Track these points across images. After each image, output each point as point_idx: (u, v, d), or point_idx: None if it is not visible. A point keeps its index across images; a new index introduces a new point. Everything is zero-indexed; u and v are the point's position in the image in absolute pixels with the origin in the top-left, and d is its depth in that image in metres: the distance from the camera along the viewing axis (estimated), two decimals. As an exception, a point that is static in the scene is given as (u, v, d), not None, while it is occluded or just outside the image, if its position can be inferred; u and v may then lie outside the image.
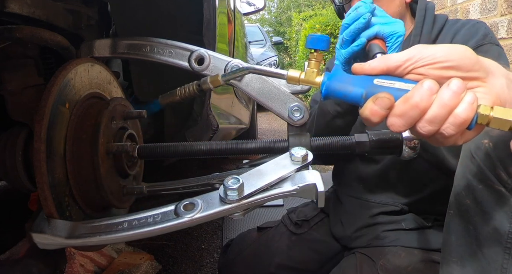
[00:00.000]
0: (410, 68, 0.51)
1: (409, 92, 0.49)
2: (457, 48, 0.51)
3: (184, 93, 0.77)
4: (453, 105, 0.47)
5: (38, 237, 0.60)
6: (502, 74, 0.52)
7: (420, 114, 0.48)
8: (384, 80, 0.52)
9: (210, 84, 0.73)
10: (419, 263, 1.02)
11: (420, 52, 0.51)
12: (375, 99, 0.49)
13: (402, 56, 0.52)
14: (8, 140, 0.72)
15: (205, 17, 1.03)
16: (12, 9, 0.67)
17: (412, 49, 0.52)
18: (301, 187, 0.57)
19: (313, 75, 0.57)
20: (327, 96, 0.56)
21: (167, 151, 0.72)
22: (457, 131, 0.48)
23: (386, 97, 0.49)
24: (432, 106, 0.47)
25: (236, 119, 1.96)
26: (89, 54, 0.79)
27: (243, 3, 3.45)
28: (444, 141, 0.50)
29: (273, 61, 7.84)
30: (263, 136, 4.76)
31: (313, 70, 0.57)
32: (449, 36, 1.07)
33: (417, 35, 1.09)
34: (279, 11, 16.15)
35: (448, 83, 0.48)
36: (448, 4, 2.77)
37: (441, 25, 1.10)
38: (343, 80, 0.54)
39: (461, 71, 0.50)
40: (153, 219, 0.58)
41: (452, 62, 0.50)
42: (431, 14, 1.11)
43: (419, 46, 0.52)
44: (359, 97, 0.53)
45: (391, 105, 0.49)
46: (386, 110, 0.49)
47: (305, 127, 0.68)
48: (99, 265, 1.44)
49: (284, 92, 0.68)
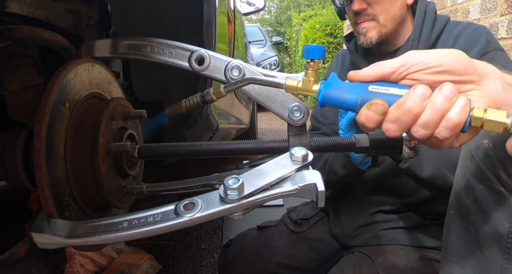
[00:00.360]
0: (404, 74, 0.52)
1: (402, 98, 0.50)
2: (449, 52, 0.52)
3: (189, 104, 0.79)
4: (445, 110, 0.48)
5: (38, 237, 0.59)
6: (497, 77, 0.52)
7: (414, 119, 0.49)
8: (379, 86, 0.53)
9: (213, 95, 0.75)
10: (418, 261, 1.02)
11: (413, 58, 0.52)
12: (369, 106, 0.50)
13: (395, 62, 0.53)
14: (8, 140, 0.72)
15: (205, 17, 1.03)
16: (12, 9, 0.67)
17: (405, 55, 0.53)
18: (301, 186, 0.57)
19: (310, 84, 0.59)
20: (324, 104, 0.57)
21: (167, 151, 0.72)
22: (451, 135, 0.49)
23: (380, 103, 0.50)
24: (425, 111, 0.48)
25: (236, 119, 1.96)
26: (90, 54, 0.79)
27: (243, 3, 3.45)
28: (440, 144, 0.51)
29: (273, 61, 7.84)
30: (263, 136, 4.76)
31: (309, 79, 0.59)
32: (451, 41, 1.07)
33: (415, 39, 1.09)
34: (279, 11, 16.15)
35: (440, 88, 0.48)
36: (448, 4, 2.77)
37: (441, 27, 1.10)
38: (339, 88, 0.56)
39: (454, 75, 0.51)
40: (153, 219, 0.58)
41: (445, 66, 0.51)
42: (430, 17, 1.10)
43: (412, 52, 0.53)
44: (355, 104, 0.54)
45: (385, 111, 0.50)
46: (380, 116, 0.50)
47: (305, 128, 0.68)
48: (99, 265, 1.44)
49: (284, 92, 0.68)
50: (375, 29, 1.10)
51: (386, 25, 1.10)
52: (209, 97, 0.76)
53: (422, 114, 0.48)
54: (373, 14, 1.09)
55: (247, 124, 2.57)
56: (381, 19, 1.09)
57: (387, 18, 1.09)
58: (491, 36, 1.04)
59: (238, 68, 0.70)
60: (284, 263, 1.19)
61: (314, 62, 0.59)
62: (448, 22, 1.12)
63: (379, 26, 1.10)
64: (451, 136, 0.49)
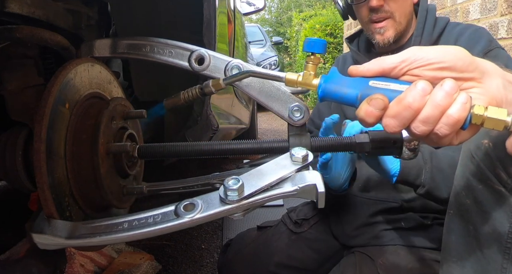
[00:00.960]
0: (405, 69, 0.52)
1: (402, 93, 0.49)
2: (451, 49, 0.52)
3: (187, 96, 0.77)
4: (446, 106, 0.47)
5: (38, 237, 0.59)
6: (498, 75, 0.52)
7: (414, 115, 0.49)
8: (379, 82, 0.53)
9: (212, 87, 0.74)
10: (418, 262, 1.02)
11: (415, 54, 0.52)
12: (369, 101, 0.50)
13: (396, 58, 0.52)
14: (8, 140, 0.72)
15: (205, 17, 1.03)
16: (12, 9, 0.67)
17: (406, 51, 0.53)
18: (301, 187, 0.57)
19: (310, 78, 0.58)
20: (323, 98, 0.57)
21: (168, 151, 0.72)
22: (451, 131, 0.48)
23: (380, 98, 0.49)
24: (425, 106, 0.48)
25: (236, 119, 1.96)
26: (89, 54, 0.79)
27: (243, 3, 3.45)
28: (439, 141, 0.50)
29: (273, 61, 7.84)
30: (263, 136, 4.76)
31: (310, 73, 0.58)
32: (452, 39, 1.07)
33: (418, 35, 1.10)
34: (279, 11, 16.15)
35: (441, 84, 0.48)
36: (448, 4, 2.77)
37: (442, 27, 1.11)
38: (339, 82, 0.55)
39: (456, 72, 0.51)
40: (153, 219, 0.58)
41: (446, 63, 0.51)
42: (432, 15, 1.12)
43: (414, 48, 0.53)
44: (354, 98, 0.53)
45: (385, 106, 0.49)
46: (380, 111, 0.49)
47: (305, 128, 0.68)
48: (99, 265, 1.44)
49: (285, 92, 0.68)
50: (392, 27, 1.11)
51: (401, 22, 1.11)
52: (208, 89, 0.74)
53: (423, 110, 0.48)
54: (389, 11, 1.10)
55: (247, 124, 2.57)
56: (397, 16, 1.10)
57: (402, 15, 1.11)
58: (492, 37, 1.05)
59: (238, 67, 0.70)
60: (284, 263, 1.18)
61: (315, 56, 0.58)
62: (448, 23, 1.13)
63: (395, 25, 1.11)
64: (451, 133, 0.49)
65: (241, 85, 0.70)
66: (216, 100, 1.27)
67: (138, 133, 0.83)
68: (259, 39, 8.33)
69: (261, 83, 0.69)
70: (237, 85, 0.70)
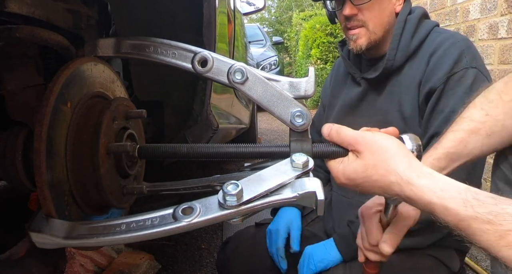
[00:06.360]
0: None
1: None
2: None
3: None
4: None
5: (36, 236, 0.59)
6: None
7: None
8: None
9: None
10: (413, 258, 1.03)
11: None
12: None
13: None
14: (8, 140, 0.72)
15: (205, 17, 1.03)
16: (12, 9, 0.67)
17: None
18: (300, 194, 0.57)
19: None
20: None
21: (168, 151, 0.71)
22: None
23: None
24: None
25: (236, 119, 1.95)
26: (93, 53, 0.79)
27: (243, 3, 3.45)
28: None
29: (273, 61, 7.84)
30: (263, 136, 4.76)
31: None
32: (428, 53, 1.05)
33: (393, 49, 1.09)
34: (280, 11, 16.15)
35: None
36: (448, 4, 2.77)
37: (424, 35, 1.09)
38: None
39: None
40: (151, 222, 0.58)
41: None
42: (411, 25, 1.09)
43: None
44: None
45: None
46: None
47: (307, 133, 0.68)
48: (99, 265, 1.44)
49: (287, 97, 0.67)
50: (365, 36, 1.11)
51: (375, 32, 1.11)
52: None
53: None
54: (363, 20, 1.10)
55: (247, 124, 2.57)
56: (370, 26, 1.10)
57: (376, 25, 1.10)
58: (462, 57, 1.01)
59: (241, 71, 0.69)
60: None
61: None
62: (434, 29, 1.11)
63: (368, 33, 1.11)
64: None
65: (244, 89, 0.69)
66: (216, 100, 1.27)
67: (139, 133, 0.83)
68: (259, 39, 8.33)
69: (264, 87, 0.68)
70: (240, 88, 0.69)
